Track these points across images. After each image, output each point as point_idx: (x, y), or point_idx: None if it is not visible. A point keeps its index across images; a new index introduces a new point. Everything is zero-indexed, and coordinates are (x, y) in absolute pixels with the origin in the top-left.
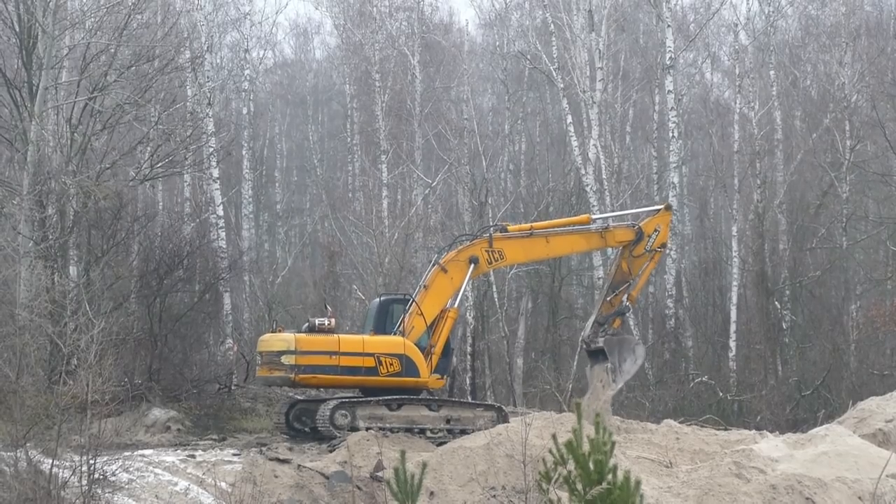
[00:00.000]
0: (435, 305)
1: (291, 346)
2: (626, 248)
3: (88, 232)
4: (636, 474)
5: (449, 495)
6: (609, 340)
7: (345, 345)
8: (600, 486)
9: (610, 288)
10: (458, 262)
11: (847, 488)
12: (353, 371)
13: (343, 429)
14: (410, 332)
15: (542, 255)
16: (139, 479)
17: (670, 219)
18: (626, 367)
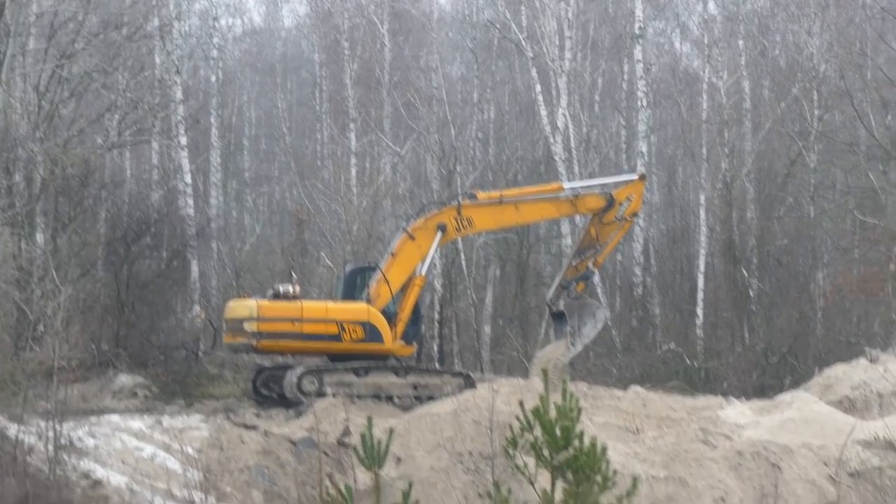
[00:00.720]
0: (402, 273)
1: (254, 312)
2: (596, 215)
3: (56, 199)
4: (603, 440)
5: (416, 461)
6: (570, 304)
7: (308, 311)
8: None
9: (577, 253)
10: (426, 229)
11: (813, 454)
12: (316, 338)
13: (310, 395)
14: (376, 300)
15: (511, 222)
16: (105, 445)
17: (643, 188)
18: (585, 331)
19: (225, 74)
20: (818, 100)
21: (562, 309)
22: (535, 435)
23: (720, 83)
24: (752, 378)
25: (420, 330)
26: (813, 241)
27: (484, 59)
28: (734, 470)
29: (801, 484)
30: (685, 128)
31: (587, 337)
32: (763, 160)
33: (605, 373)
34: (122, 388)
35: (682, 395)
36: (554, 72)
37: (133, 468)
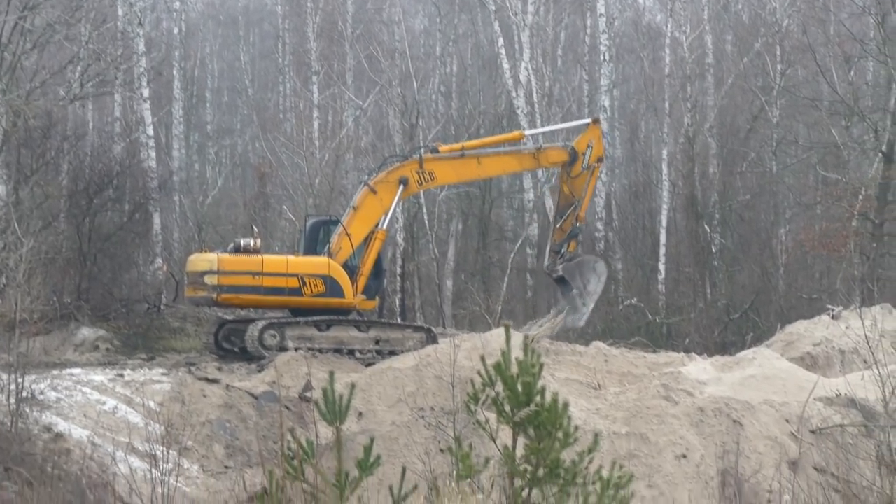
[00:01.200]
0: (363, 227)
1: (214, 266)
2: (564, 171)
3: (18, 151)
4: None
5: (377, 416)
6: (568, 266)
7: (268, 265)
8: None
9: (558, 214)
10: (388, 182)
11: (774, 411)
12: (276, 291)
13: (272, 349)
14: (338, 254)
15: (473, 175)
16: (67, 398)
17: (600, 131)
18: (591, 288)
19: (187, 26)
20: (781, 55)
21: (561, 274)
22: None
23: (683, 38)
24: (714, 334)
25: (382, 284)
26: (775, 196)
27: (447, 13)
28: (696, 426)
29: (763, 441)
30: (647, 82)
31: (595, 293)
32: (725, 115)
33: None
34: (83, 341)
35: (644, 352)
36: (517, 25)
37: (95, 422)
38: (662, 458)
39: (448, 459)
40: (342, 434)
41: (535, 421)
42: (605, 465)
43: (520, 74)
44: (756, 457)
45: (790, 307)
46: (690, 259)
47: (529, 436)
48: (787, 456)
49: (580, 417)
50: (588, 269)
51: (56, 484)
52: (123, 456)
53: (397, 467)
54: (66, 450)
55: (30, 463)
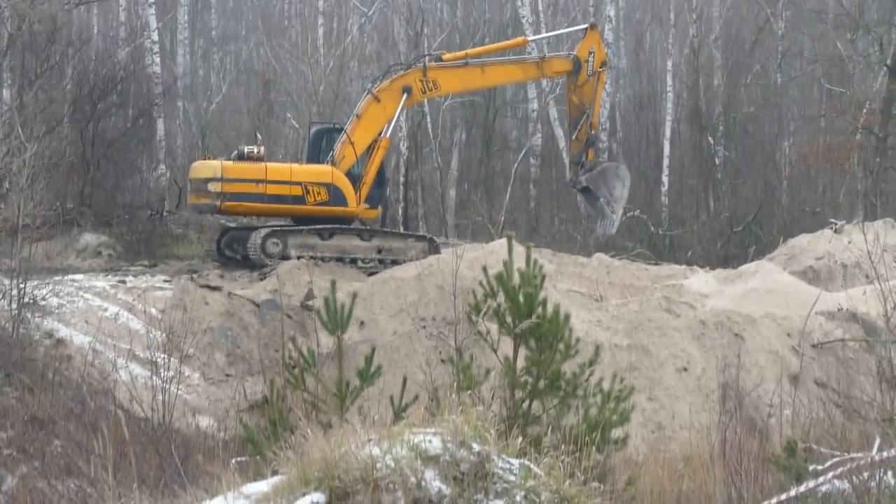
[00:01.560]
0: (367, 135)
1: (218, 173)
2: (570, 81)
3: (22, 55)
4: (566, 308)
5: (379, 325)
6: (591, 176)
7: (272, 173)
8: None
9: (571, 126)
10: (392, 90)
11: (776, 325)
12: (279, 199)
13: (274, 257)
14: (341, 162)
15: (477, 84)
16: (69, 304)
17: (599, 36)
18: (616, 194)
19: None
20: None
21: (585, 184)
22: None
23: None
24: (717, 247)
25: (385, 193)
26: (779, 109)
27: None
28: (697, 339)
29: (764, 354)
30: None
31: (622, 198)
32: (731, 27)
33: (570, 239)
34: (86, 246)
35: (647, 264)
36: None
37: (96, 328)
38: (663, 371)
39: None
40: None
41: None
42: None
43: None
44: (757, 370)
45: (793, 220)
46: (694, 171)
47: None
48: (788, 370)
49: (581, 329)
50: (611, 176)
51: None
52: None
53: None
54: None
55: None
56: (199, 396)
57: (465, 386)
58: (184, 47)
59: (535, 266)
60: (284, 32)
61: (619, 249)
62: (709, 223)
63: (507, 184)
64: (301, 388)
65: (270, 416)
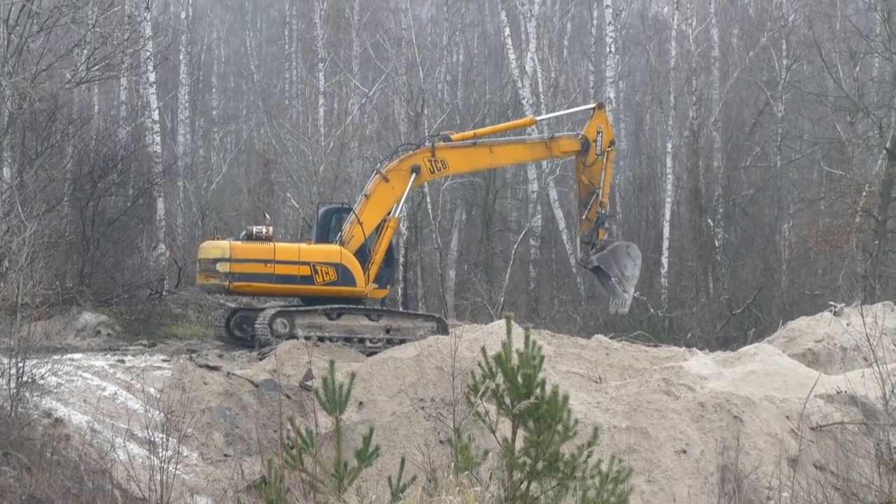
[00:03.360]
0: (375, 215)
1: (226, 253)
2: (579, 161)
3: (23, 133)
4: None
5: (378, 406)
6: (602, 256)
7: (280, 253)
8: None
9: (581, 205)
10: (400, 171)
11: (775, 407)
12: (288, 279)
13: (282, 337)
14: (350, 242)
15: (485, 164)
16: (68, 383)
17: (606, 115)
18: (628, 273)
19: (195, 11)
20: (787, 49)
21: (597, 264)
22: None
23: (689, 30)
24: (716, 329)
25: (394, 273)
26: (779, 191)
27: (454, 2)
28: (696, 421)
29: (763, 437)
30: (653, 75)
31: (634, 277)
32: (731, 109)
33: (569, 321)
34: (85, 325)
35: (646, 345)
36: (523, 16)
37: (95, 407)
38: (662, 453)
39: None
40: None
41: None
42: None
43: (526, 65)
44: (756, 453)
45: (792, 303)
46: (693, 253)
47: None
48: (787, 453)
49: (580, 411)
50: (622, 255)
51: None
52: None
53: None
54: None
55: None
56: (197, 476)
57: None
58: (184, 127)
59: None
60: (285, 112)
61: (618, 331)
62: (708, 305)
63: (507, 264)
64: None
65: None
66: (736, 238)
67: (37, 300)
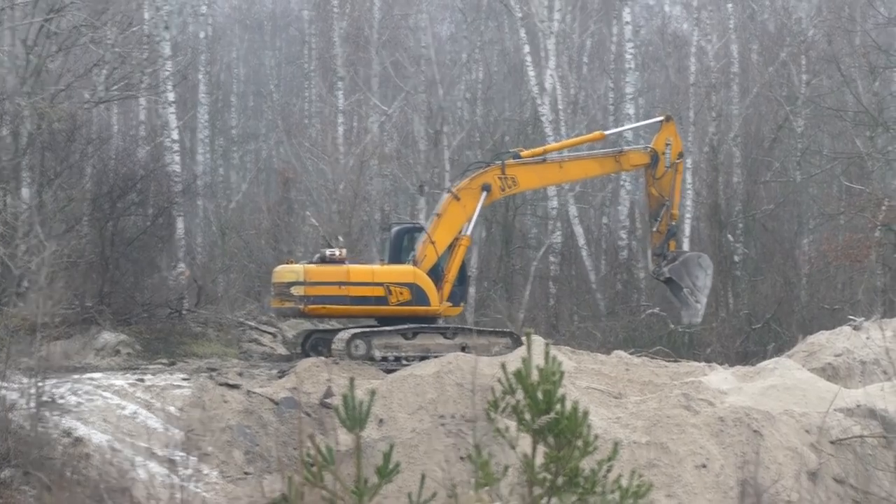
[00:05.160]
0: (447, 234)
1: (300, 277)
2: (649, 174)
3: (42, 154)
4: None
5: (398, 423)
6: (674, 267)
7: (354, 275)
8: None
9: (652, 217)
10: (471, 189)
11: (795, 421)
12: (362, 301)
13: (359, 359)
14: (423, 261)
15: (555, 180)
16: (87, 403)
17: (675, 127)
18: (700, 283)
19: (214, 31)
20: (806, 64)
21: (669, 276)
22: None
23: (708, 46)
24: (736, 344)
25: (467, 290)
26: (799, 206)
27: (473, 19)
28: (716, 436)
29: (783, 451)
30: (673, 91)
31: (705, 287)
32: (750, 124)
33: (589, 337)
34: (105, 345)
35: (666, 361)
36: (542, 33)
37: (115, 426)
38: (682, 468)
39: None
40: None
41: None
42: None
43: (545, 82)
44: (776, 467)
45: (812, 318)
46: (713, 268)
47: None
48: (807, 467)
49: (600, 426)
50: (693, 266)
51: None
52: (143, 461)
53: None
54: (86, 454)
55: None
56: (217, 495)
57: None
58: (204, 146)
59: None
60: (304, 131)
61: (638, 347)
62: (728, 320)
63: (527, 281)
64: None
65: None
66: (756, 253)
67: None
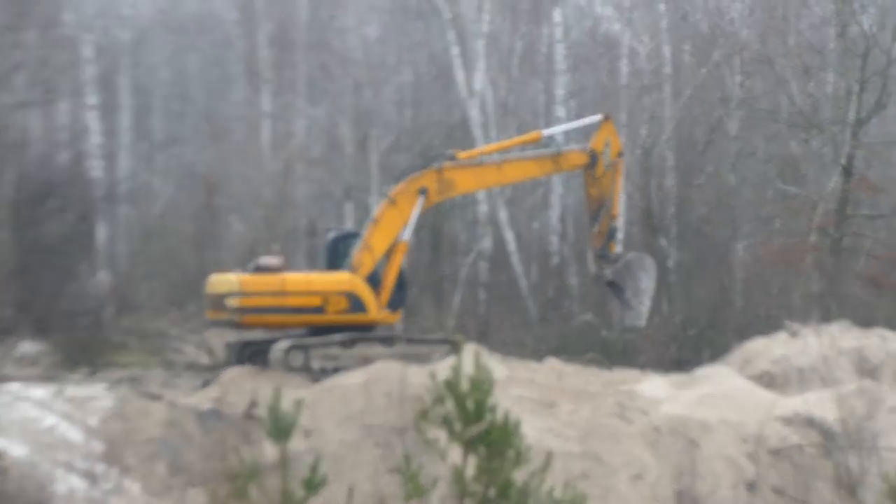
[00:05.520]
0: (384, 239)
1: (235, 287)
2: (588, 175)
3: None
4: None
5: (325, 434)
6: (616, 270)
7: (290, 284)
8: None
9: (592, 218)
10: (408, 193)
11: (732, 431)
12: (299, 311)
13: (297, 370)
14: (360, 268)
15: (493, 182)
16: (5, 414)
17: (613, 126)
18: (643, 286)
19: (137, 34)
20: (740, 66)
21: (611, 278)
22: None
23: (640, 47)
24: (670, 351)
25: (405, 296)
26: (733, 210)
27: (401, 21)
28: (651, 446)
29: (720, 461)
30: (605, 93)
31: (649, 290)
32: (683, 127)
33: (520, 345)
34: (24, 355)
35: (599, 368)
36: (472, 34)
37: (34, 439)
38: (617, 479)
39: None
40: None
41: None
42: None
43: (474, 84)
44: (713, 477)
45: (747, 324)
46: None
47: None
48: (745, 477)
49: (533, 436)
50: (636, 268)
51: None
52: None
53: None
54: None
55: None
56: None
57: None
58: (126, 151)
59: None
60: (229, 135)
61: (571, 354)
62: (662, 327)
63: (456, 287)
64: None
65: None
66: (690, 258)
67: None
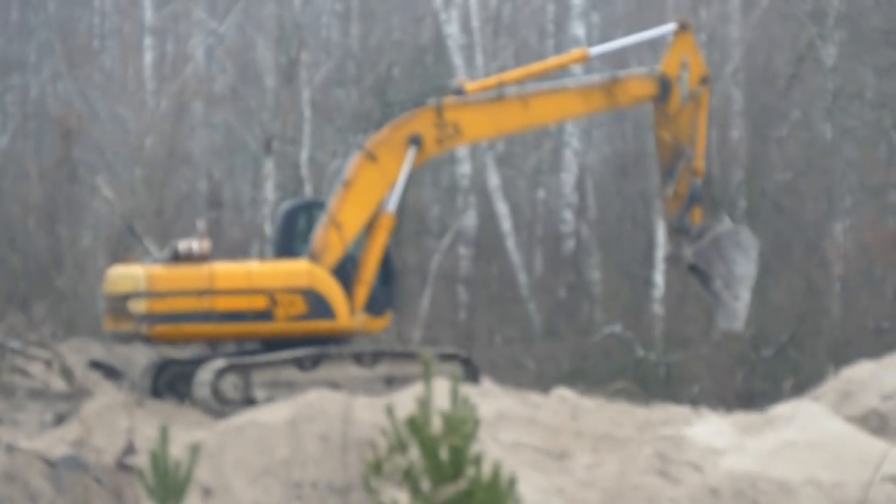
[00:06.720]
0: (360, 211)
1: (141, 285)
2: (657, 111)
3: None
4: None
5: (233, 493)
6: (700, 249)
7: (221, 279)
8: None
9: (665, 176)
10: (392, 143)
11: (823, 495)
12: (235, 317)
13: (234, 403)
14: (324, 254)
15: (517, 125)
16: None
17: (693, 39)
18: (739, 272)
19: None
20: None
21: (693, 261)
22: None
23: None
24: (736, 380)
25: (395, 292)
26: (829, 176)
27: None
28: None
29: None
30: (641, 4)
31: (747, 276)
32: (757, 54)
33: (518, 367)
34: None
35: (631, 404)
36: None
37: None
38: None
39: None
40: None
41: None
42: None
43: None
44: None
45: (848, 341)
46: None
47: None
48: None
49: (534, 500)
50: (729, 246)
51: None
52: None
53: None
54: None
55: None
56: None
57: None
58: None
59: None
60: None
61: (591, 382)
62: (724, 345)
63: (425, 283)
64: None
65: None
66: (765, 245)
67: None
